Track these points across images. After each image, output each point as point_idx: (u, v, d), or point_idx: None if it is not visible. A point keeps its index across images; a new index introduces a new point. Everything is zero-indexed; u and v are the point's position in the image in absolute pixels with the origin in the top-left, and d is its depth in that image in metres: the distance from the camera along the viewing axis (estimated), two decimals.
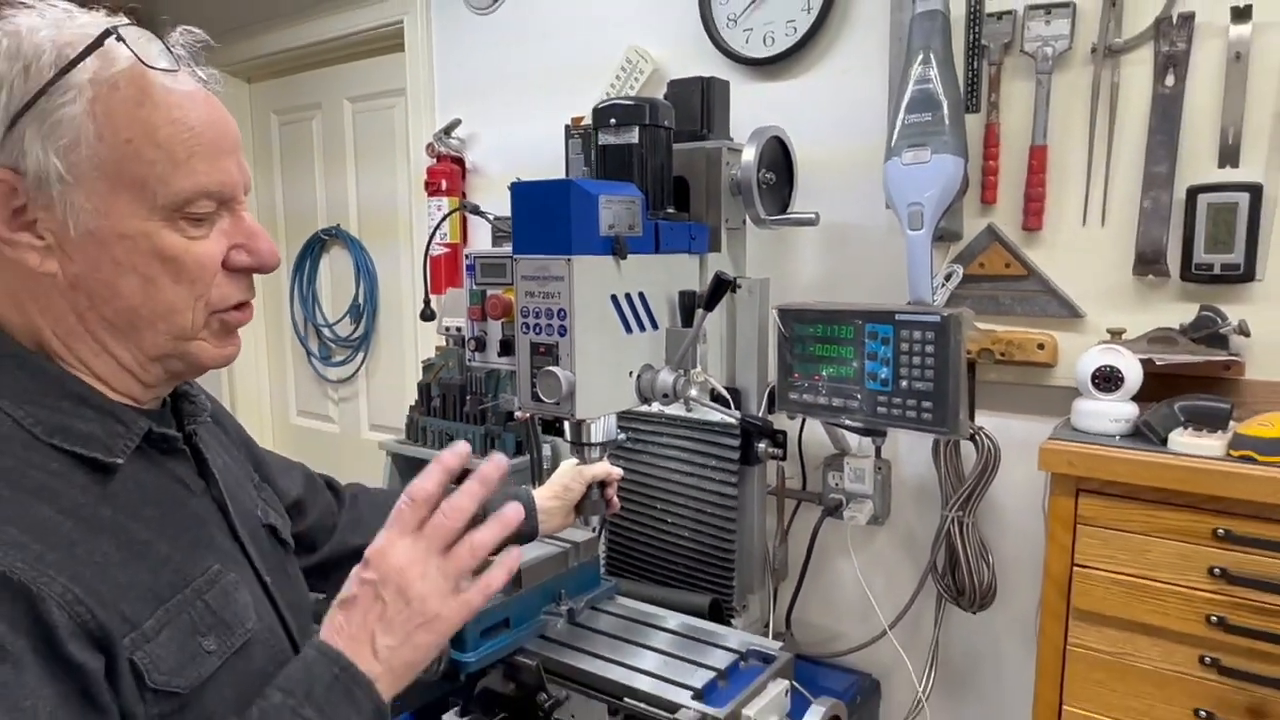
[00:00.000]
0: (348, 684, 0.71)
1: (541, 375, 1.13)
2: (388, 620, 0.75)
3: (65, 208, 0.67)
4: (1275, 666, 1.03)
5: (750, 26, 1.66)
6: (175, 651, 0.69)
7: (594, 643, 1.25)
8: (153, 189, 0.69)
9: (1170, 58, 1.25)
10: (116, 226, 0.69)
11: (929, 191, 1.29)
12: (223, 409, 1.04)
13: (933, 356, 1.22)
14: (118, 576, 0.67)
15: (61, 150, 0.65)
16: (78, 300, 0.70)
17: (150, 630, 0.68)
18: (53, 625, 0.61)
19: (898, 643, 1.55)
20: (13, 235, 0.67)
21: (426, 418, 1.99)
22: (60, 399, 0.70)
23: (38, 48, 0.66)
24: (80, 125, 0.66)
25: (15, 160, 0.65)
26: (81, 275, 0.69)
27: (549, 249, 1.12)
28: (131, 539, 0.70)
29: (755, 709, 1.09)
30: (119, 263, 0.70)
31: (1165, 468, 1.06)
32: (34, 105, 0.65)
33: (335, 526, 1.16)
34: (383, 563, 0.76)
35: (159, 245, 0.70)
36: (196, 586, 0.73)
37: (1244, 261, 1.22)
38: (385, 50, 2.45)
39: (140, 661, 0.66)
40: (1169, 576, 1.08)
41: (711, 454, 1.46)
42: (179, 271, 0.72)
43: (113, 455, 0.71)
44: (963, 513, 1.39)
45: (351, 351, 2.78)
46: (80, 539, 0.66)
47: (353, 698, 0.71)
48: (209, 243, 0.73)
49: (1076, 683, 1.17)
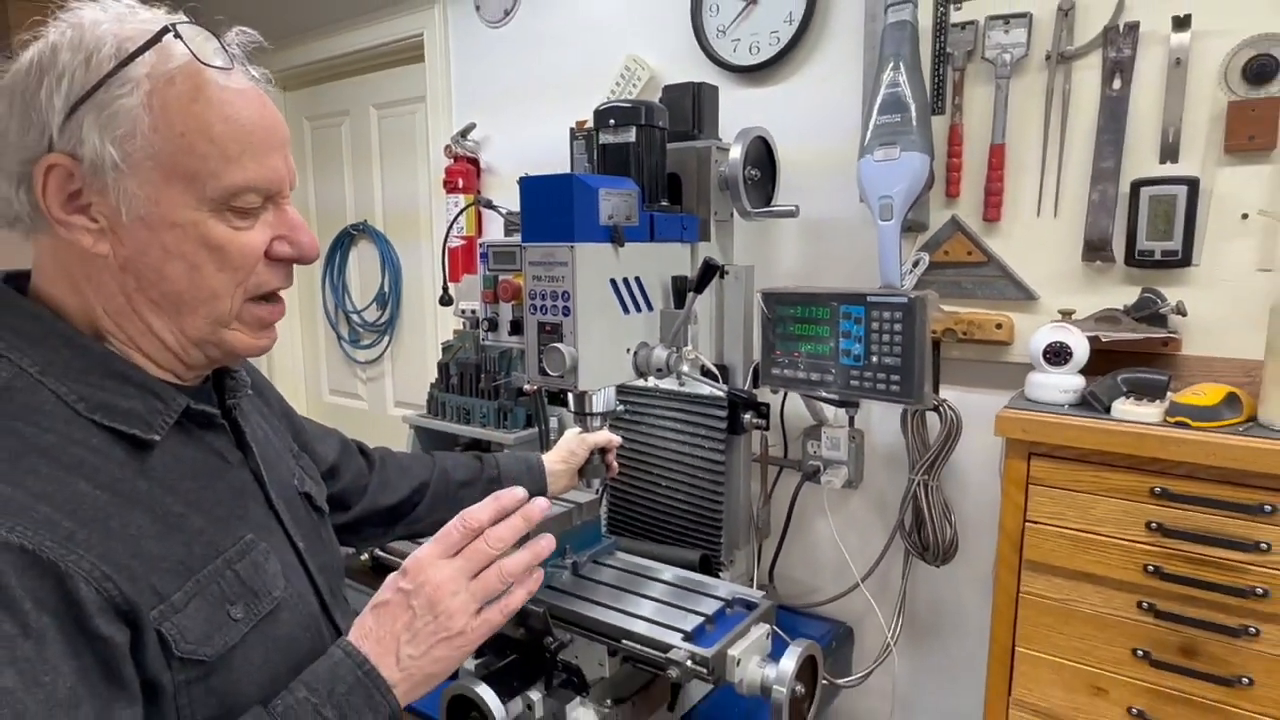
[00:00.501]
0: (369, 688, 0.69)
1: (548, 351, 1.14)
2: (414, 630, 0.73)
3: (119, 194, 0.65)
4: (1204, 610, 1.04)
5: (738, 37, 1.66)
6: (203, 622, 0.67)
7: (595, 592, 1.25)
8: (203, 181, 0.67)
9: (1117, 63, 1.25)
10: (167, 215, 0.67)
11: (898, 186, 1.29)
12: (265, 381, 1.03)
13: (900, 335, 1.22)
14: (151, 549, 0.65)
15: (117, 139, 0.63)
16: (126, 282, 0.68)
17: (179, 602, 0.66)
18: (80, 601, 0.59)
19: (869, 594, 1.57)
20: (68, 217, 0.65)
21: (445, 394, 1.99)
22: (104, 377, 0.68)
23: (99, 40, 0.64)
24: (136, 117, 0.64)
25: (73, 147, 0.63)
26: (131, 258, 0.67)
27: (554, 237, 1.12)
28: (167, 512, 0.68)
29: (739, 649, 1.09)
30: (167, 249, 0.68)
31: (1109, 433, 1.07)
32: (93, 95, 0.63)
33: (366, 488, 1.15)
34: (420, 575, 0.74)
35: (206, 234, 0.68)
36: (228, 557, 0.71)
37: (1182, 248, 1.23)
38: (407, 61, 2.44)
39: (168, 632, 0.64)
40: (1111, 531, 1.09)
41: (701, 424, 1.46)
42: (223, 260, 0.70)
43: (151, 431, 0.69)
44: (928, 477, 1.40)
45: (378, 335, 2.78)
46: (115, 513, 0.64)
47: (372, 701, 0.69)
48: (254, 234, 0.71)
49: (1027, 627, 1.18)
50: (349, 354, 2.91)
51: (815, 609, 1.66)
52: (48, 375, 0.66)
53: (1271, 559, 0.99)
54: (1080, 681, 1.15)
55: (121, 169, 0.64)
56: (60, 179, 0.64)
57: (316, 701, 0.67)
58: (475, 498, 1.23)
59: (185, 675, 0.65)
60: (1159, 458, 1.04)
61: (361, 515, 1.14)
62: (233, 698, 0.69)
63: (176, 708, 0.65)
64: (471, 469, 1.26)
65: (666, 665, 1.07)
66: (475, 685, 1.12)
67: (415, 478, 1.20)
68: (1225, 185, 1.21)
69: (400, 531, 1.21)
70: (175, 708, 0.65)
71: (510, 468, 1.28)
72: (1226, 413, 1.03)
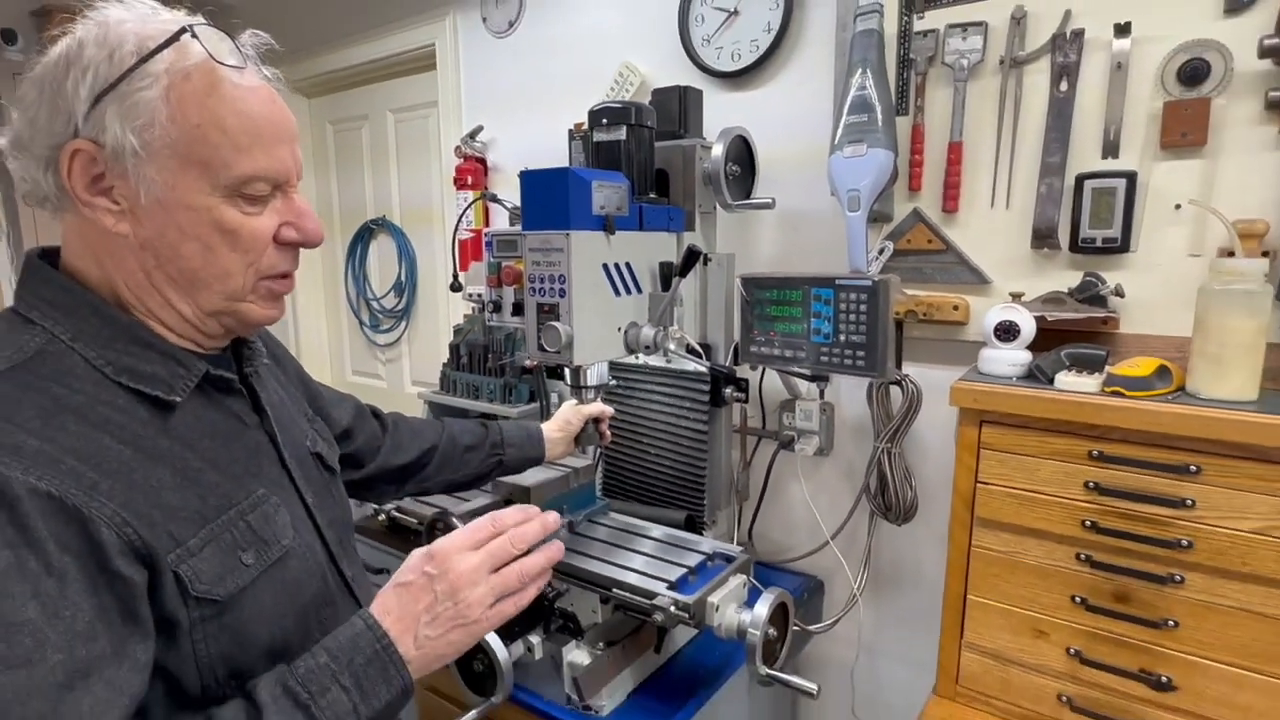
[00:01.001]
0: (385, 662, 0.68)
1: (546, 329, 1.14)
2: (435, 613, 0.72)
3: (138, 178, 0.65)
4: (1135, 560, 1.04)
5: (721, 45, 1.65)
6: (216, 565, 0.67)
7: (590, 547, 1.26)
8: (216, 170, 0.67)
9: (1064, 68, 1.25)
10: (182, 199, 0.67)
11: (865, 180, 1.28)
12: (284, 350, 1.03)
13: (866, 315, 1.22)
14: (169, 500, 0.66)
15: (137, 129, 0.63)
16: (146, 259, 0.68)
17: (195, 547, 0.66)
18: (102, 544, 0.59)
19: (838, 550, 1.58)
20: (91, 199, 0.65)
21: (456, 372, 1.99)
22: (129, 344, 0.68)
23: (122, 37, 0.64)
24: (155, 108, 0.64)
25: (96, 134, 0.63)
26: (150, 238, 0.67)
27: (551, 225, 1.12)
28: (186, 467, 0.69)
29: (718, 597, 1.10)
30: (183, 230, 0.68)
31: (1052, 402, 1.06)
32: (115, 88, 0.63)
33: (379, 449, 1.15)
34: (446, 562, 0.73)
35: (219, 218, 0.68)
36: (240, 509, 0.71)
37: (1121, 236, 1.22)
38: (420, 69, 2.42)
39: (184, 574, 0.65)
40: (1053, 490, 1.09)
41: (687, 397, 1.46)
42: (235, 242, 0.70)
43: (173, 394, 0.70)
44: (891, 444, 1.40)
45: (396, 321, 2.78)
46: (138, 467, 0.65)
47: (387, 675, 0.68)
48: (263, 219, 0.71)
49: (978, 577, 1.18)
50: (370, 338, 2.90)
51: (789, 564, 1.67)
52: (78, 342, 0.66)
53: (1195, 514, 0.99)
54: (1024, 625, 1.15)
55: (141, 155, 0.64)
56: (84, 163, 0.64)
57: (336, 669, 0.66)
58: (478, 461, 1.25)
59: (200, 613, 0.66)
60: (1096, 424, 1.04)
61: (374, 473, 1.14)
62: (243, 634, 0.69)
63: (192, 641, 0.66)
64: (477, 435, 1.26)
65: (653, 611, 1.08)
66: None
67: (425, 441, 1.20)
68: (1160, 178, 1.20)
69: (410, 489, 1.22)
70: (191, 641, 0.66)
71: (512, 434, 1.28)
72: (1157, 383, 1.03)
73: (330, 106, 2.85)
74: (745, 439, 1.65)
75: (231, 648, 0.68)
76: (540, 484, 1.30)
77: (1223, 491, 0.97)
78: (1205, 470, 0.98)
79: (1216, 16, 1.13)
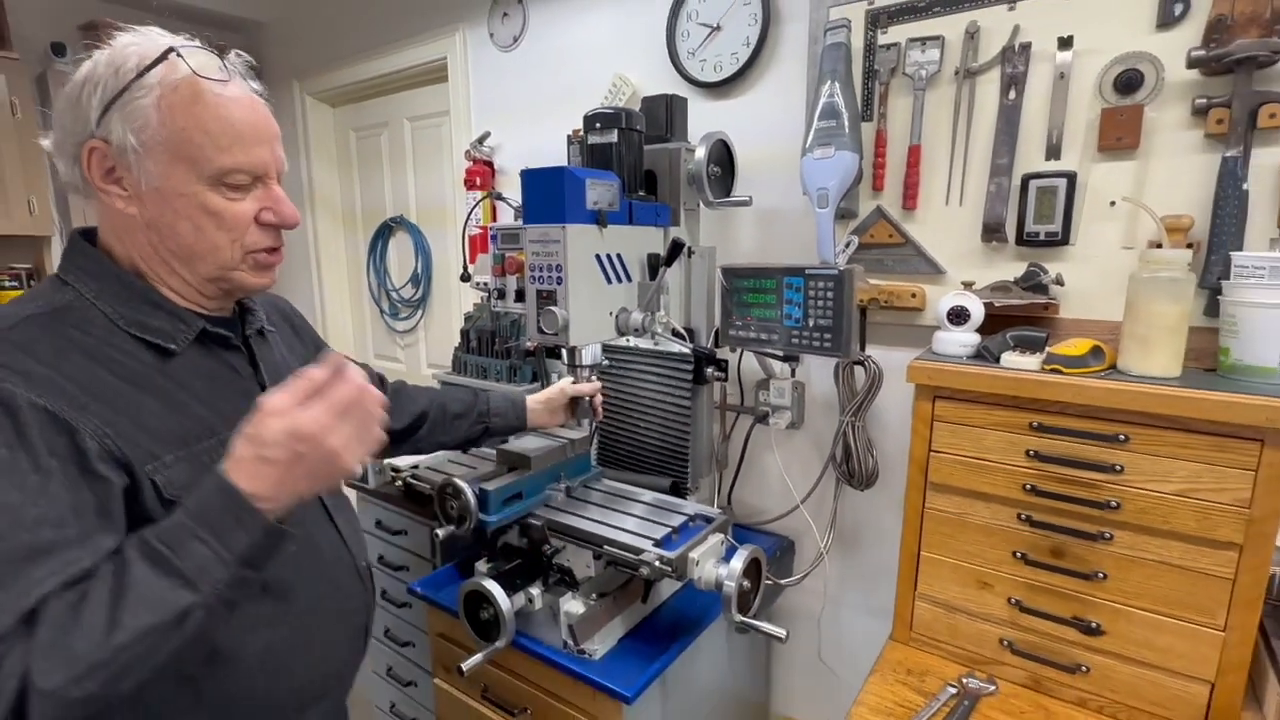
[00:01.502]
0: (238, 509, 0.64)
1: (544, 313, 1.13)
2: (312, 474, 0.67)
3: (139, 170, 0.71)
4: (1070, 520, 1.05)
5: (705, 58, 1.63)
6: (186, 477, 0.72)
7: (585, 510, 1.26)
8: (200, 164, 0.72)
9: (1013, 78, 1.24)
10: (175, 187, 0.73)
11: (833, 180, 1.27)
12: (305, 323, 1.09)
13: (832, 301, 1.22)
14: (154, 424, 0.72)
15: (135, 130, 0.70)
16: (151, 236, 0.75)
17: (170, 461, 0.72)
18: (84, 450, 0.65)
19: (807, 513, 1.58)
20: (106, 186, 0.73)
21: (467, 355, 1.98)
22: (142, 304, 0.76)
23: (125, 57, 0.71)
24: (149, 114, 0.70)
25: (106, 134, 0.71)
26: (153, 218, 0.74)
27: (549, 219, 1.12)
28: (175, 400, 0.75)
29: (698, 553, 1.10)
30: (177, 212, 0.74)
31: (998, 379, 1.07)
32: (119, 98, 0.70)
33: None
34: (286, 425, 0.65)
35: (205, 203, 0.74)
36: (221, 438, 0.74)
37: (1061, 230, 1.22)
38: (434, 81, 2.39)
39: (159, 481, 0.70)
40: (997, 457, 1.09)
41: (672, 376, 1.46)
42: (220, 222, 0.75)
43: (172, 343, 0.76)
44: (855, 418, 1.40)
45: (413, 310, 2.76)
46: (131, 397, 0.71)
47: (241, 520, 0.64)
48: (245, 204, 0.76)
49: (930, 536, 1.19)
50: (390, 325, 2.88)
51: (764, 526, 1.68)
52: (100, 299, 0.74)
53: (1124, 478, 1.00)
54: (971, 578, 1.16)
55: (139, 152, 0.71)
56: (99, 158, 0.72)
57: (193, 525, 0.64)
58: (466, 427, 1.28)
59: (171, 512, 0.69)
60: (1037, 398, 1.04)
61: None
62: None
63: None
64: (465, 403, 1.28)
65: (640, 566, 1.08)
66: (486, 583, 1.13)
67: (419, 407, 1.23)
68: (1097, 178, 1.20)
69: (405, 449, 1.26)
70: None
71: (498, 404, 1.30)
72: (1092, 361, 1.04)
73: (353, 115, 2.82)
74: (725, 414, 1.65)
75: None
76: (540, 453, 1.30)
77: (1148, 458, 0.98)
78: (1133, 439, 0.98)
79: (1150, 31, 1.13)
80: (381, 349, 3.00)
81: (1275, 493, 0.90)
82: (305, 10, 2.69)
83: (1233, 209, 1.07)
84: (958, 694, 1.12)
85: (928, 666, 1.19)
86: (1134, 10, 1.13)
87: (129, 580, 0.62)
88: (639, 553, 1.09)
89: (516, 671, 1.26)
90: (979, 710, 1.08)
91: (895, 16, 1.34)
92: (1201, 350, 1.09)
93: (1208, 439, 0.93)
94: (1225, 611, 0.96)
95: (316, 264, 2.98)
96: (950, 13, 1.29)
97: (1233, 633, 0.96)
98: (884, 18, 1.36)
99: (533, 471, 1.27)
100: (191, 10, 2.77)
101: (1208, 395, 0.91)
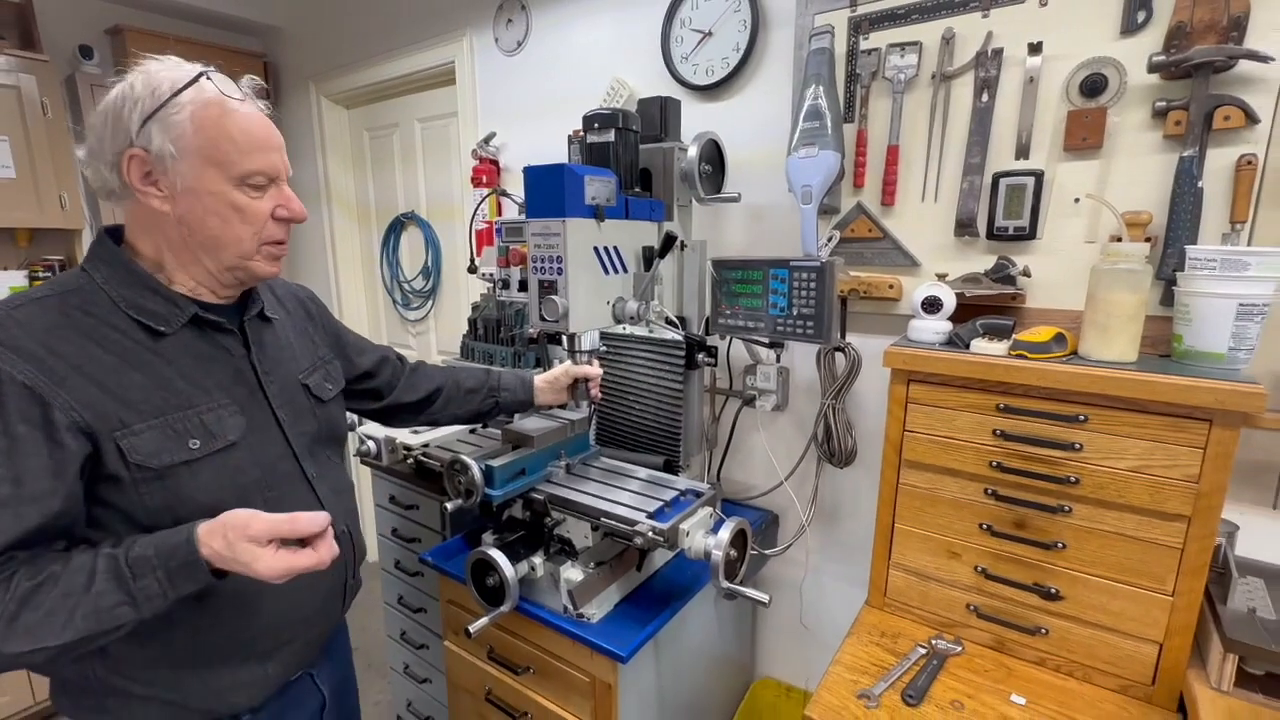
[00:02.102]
0: (194, 568, 0.73)
1: (545, 302, 1.13)
2: (241, 562, 0.73)
3: (175, 174, 0.78)
4: (1032, 494, 1.06)
5: (697, 62, 1.62)
6: (153, 443, 0.76)
7: (584, 485, 1.27)
8: (227, 167, 0.79)
9: (985, 81, 1.23)
10: (206, 187, 0.79)
11: (817, 178, 1.27)
12: (322, 309, 1.13)
13: (815, 291, 1.22)
14: (133, 397, 0.76)
15: (173, 139, 0.77)
16: (182, 230, 0.81)
17: (139, 429, 0.76)
18: (54, 422, 0.71)
19: (790, 489, 1.59)
20: (144, 188, 0.79)
21: (474, 342, 1.98)
22: (143, 289, 0.80)
23: (160, 81, 0.78)
24: (184, 126, 0.77)
25: (146, 144, 0.77)
26: (184, 214, 0.80)
27: (550, 213, 1.11)
28: (160, 375, 0.79)
29: (689, 524, 1.11)
30: (207, 208, 0.80)
31: (967, 363, 1.07)
32: (156, 114, 0.76)
33: (397, 386, 1.23)
34: (249, 554, 0.74)
35: (232, 200, 0.80)
36: (198, 410, 0.81)
37: (1029, 225, 1.22)
38: (442, 84, 2.37)
39: (123, 445, 0.74)
40: (966, 436, 1.10)
41: (665, 361, 1.46)
42: (243, 217, 0.82)
43: (164, 325, 0.80)
44: (835, 401, 1.41)
45: (424, 300, 2.75)
46: (115, 371, 0.75)
47: (194, 575, 0.73)
48: (263, 202, 0.83)
49: (904, 509, 1.20)
50: (402, 314, 2.88)
51: (750, 501, 1.69)
52: (108, 284, 0.79)
53: (1082, 455, 1.00)
54: (941, 549, 1.17)
55: (176, 158, 0.77)
56: (138, 164, 0.78)
57: (156, 564, 0.72)
58: (478, 401, 1.31)
59: (140, 475, 0.76)
60: (1003, 381, 1.04)
61: (391, 405, 1.23)
62: (181, 495, 0.78)
63: (139, 494, 0.76)
64: (478, 379, 1.31)
65: (635, 536, 1.09)
66: (492, 552, 1.14)
67: (434, 383, 1.27)
68: (1063, 176, 1.20)
69: (423, 420, 1.29)
70: (138, 493, 0.76)
71: (509, 381, 1.33)
72: (1055, 347, 1.04)
73: (366, 116, 2.79)
74: (714, 397, 1.66)
75: (171, 501, 0.78)
76: (543, 432, 1.30)
77: (1105, 437, 0.98)
78: (1092, 419, 0.99)
79: (1114, 38, 1.12)
80: (395, 337, 2.99)
81: (1221, 469, 0.91)
82: (320, 16, 2.66)
83: (1188, 205, 1.07)
84: (927, 654, 1.13)
85: (900, 629, 1.20)
86: (1099, 18, 1.13)
87: (93, 590, 0.70)
88: (634, 524, 1.09)
89: (520, 634, 1.27)
90: (946, 669, 1.09)
91: (876, 23, 1.33)
92: (1157, 337, 1.09)
93: (1161, 419, 0.94)
94: (1174, 578, 0.97)
95: (333, 257, 2.97)
96: (927, 20, 1.28)
97: (1180, 597, 0.97)
98: (865, 24, 1.34)
99: (535, 449, 1.27)
100: (211, 15, 2.73)
101: (1161, 379, 0.92)
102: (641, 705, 1.22)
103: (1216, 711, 0.88)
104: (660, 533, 1.07)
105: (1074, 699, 1.02)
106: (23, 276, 2.42)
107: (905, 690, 1.04)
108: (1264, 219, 1.04)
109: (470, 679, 1.38)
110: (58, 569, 0.71)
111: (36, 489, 0.70)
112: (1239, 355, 0.96)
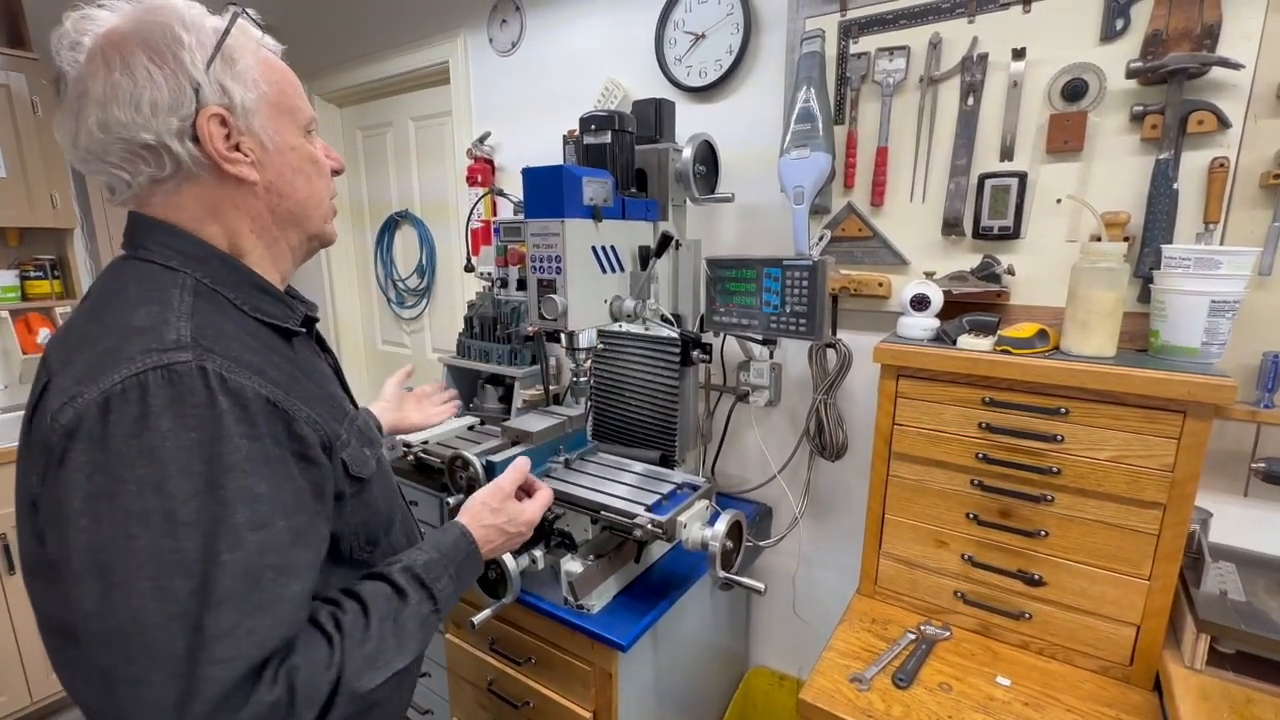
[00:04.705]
0: (475, 560, 0.81)
1: (544, 301, 1.15)
2: (516, 522, 0.89)
3: (259, 129, 0.67)
4: (1017, 484, 1.09)
5: (690, 64, 1.64)
6: (357, 452, 0.71)
7: (583, 479, 1.28)
8: (295, 114, 0.71)
9: (971, 85, 1.26)
10: (287, 140, 0.70)
11: (808, 178, 1.29)
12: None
13: (807, 289, 1.24)
14: (320, 406, 0.67)
15: (249, 87, 0.65)
16: (271, 199, 0.70)
17: (347, 439, 0.70)
18: (303, 437, 0.62)
19: (783, 482, 1.62)
20: (230, 154, 0.65)
21: (470, 340, 1.99)
22: (251, 289, 0.69)
23: (196, 20, 0.64)
24: (253, 71, 0.66)
25: (223, 99, 0.64)
26: (272, 180, 0.69)
27: (549, 214, 1.12)
28: (315, 379, 0.71)
29: (686, 517, 1.13)
30: (292, 166, 0.70)
31: (954, 358, 1.10)
32: (214, 59, 0.63)
33: None
34: (517, 515, 0.90)
35: (308, 152, 0.72)
36: (351, 416, 0.74)
37: (1013, 225, 1.25)
38: (437, 83, 2.37)
39: (345, 458, 0.69)
40: (954, 429, 1.13)
41: (661, 358, 1.48)
42: (318, 169, 0.74)
43: (292, 323, 0.72)
44: (827, 396, 1.43)
45: (418, 298, 2.75)
46: (298, 378, 0.66)
47: (475, 567, 0.82)
48: (320, 151, 0.75)
49: (893, 500, 1.22)
50: (397, 313, 2.87)
51: (745, 494, 1.71)
52: (216, 285, 0.66)
53: (1064, 447, 1.03)
54: (929, 538, 1.20)
55: (252, 110, 0.66)
56: (221, 125, 0.64)
57: (445, 563, 0.76)
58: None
59: (352, 489, 0.71)
60: (989, 376, 1.07)
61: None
62: (370, 507, 0.75)
63: (349, 510, 0.71)
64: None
65: (633, 529, 1.11)
66: None
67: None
68: (1046, 178, 1.23)
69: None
70: (349, 510, 0.71)
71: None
72: (1037, 343, 1.07)
73: (359, 115, 2.78)
74: (709, 392, 1.68)
75: (366, 516, 0.74)
76: (542, 429, 1.32)
77: (1085, 429, 1.01)
78: (1073, 412, 1.02)
79: (1094, 44, 1.15)
80: (389, 335, 2.99)
81: (1195, 458, 0.94)
82: (314, 14, 2.65)
83: (1164, 206, 1.10)
84: (916, 639, 1.16)
85: (890, 616, 1.23)
86: (1080, 25, 1.16)
87: (410, 600, 0.70)
88: (632, 517, 1.12)
89: (521, 625, 1.29)
90: (935, 653, 1.13)
91: (865, 28, 1.36)
92: (1134, 333, 1.13)
93: (1138, 411, 0.97)
94: (1150, 563, 1.00)
95: (326, 255, 2.96)
96: (915, 25, 1.31)
97: (1156, 581, 1.00)
98: (855, 29, 1.37)
99: (534, 445, 1.29)
100: None
101: (1138, 373, 0.95)
102: (640, 694, 1.24)
103: (1190, 689, 0.92)
104: (659, 525, 1.09)
105: (1056, 680, 1.06)
106: (13, 276, 2.40)
107: (896, 674, 1.07)
108: (1235, 219, 1.08)
109: (472, 670, 1.40)
110: (352, 601, 0.66)
111: (312, 514, 0.63)
112: (1211, 350, 1.00)
